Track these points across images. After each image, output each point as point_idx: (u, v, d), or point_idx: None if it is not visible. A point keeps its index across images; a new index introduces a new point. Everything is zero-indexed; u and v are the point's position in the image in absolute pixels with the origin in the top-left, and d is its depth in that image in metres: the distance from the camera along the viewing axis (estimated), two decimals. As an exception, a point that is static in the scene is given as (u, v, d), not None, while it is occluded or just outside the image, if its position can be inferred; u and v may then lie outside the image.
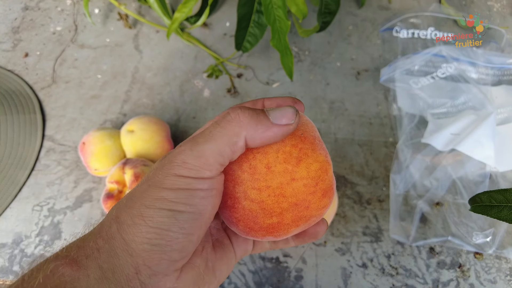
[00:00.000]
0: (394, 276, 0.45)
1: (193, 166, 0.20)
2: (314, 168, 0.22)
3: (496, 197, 0.26)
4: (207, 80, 0.59)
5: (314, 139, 0.23)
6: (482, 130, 0.49)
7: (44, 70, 0.59)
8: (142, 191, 0.21)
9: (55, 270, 0.18)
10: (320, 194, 0.23)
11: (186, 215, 0.20)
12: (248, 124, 0.21)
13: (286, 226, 0.23)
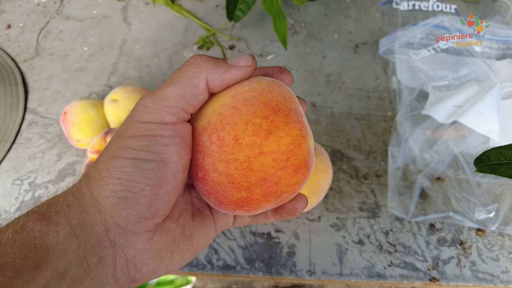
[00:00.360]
0: (392, 253, 0.42)
1: (154, 109, 0.20)
2: (285, 142, 0.21)
3: (506, 154, 0.24)
4: (197, 52, 0.56)
5: (289, 111, 0.22)
6: (486, 101, 0.46)
7: (27, 42, 0.57)
8: (108, 146, 0.20)
9: (24, 225, 0.18)
10: (291, 169, 0.22)
11: (149, 164, 0.19)
12: (207, 66, 0.21)
13: (256, 201, 0.22)
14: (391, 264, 0.42)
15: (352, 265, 0.42)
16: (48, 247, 0.17)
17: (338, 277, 0.41)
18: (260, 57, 0.56)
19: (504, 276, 0.41)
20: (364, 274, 0.41)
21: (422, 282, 0.41)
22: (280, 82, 0.24)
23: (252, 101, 0.21)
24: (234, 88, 0.22)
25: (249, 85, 0.22)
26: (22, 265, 0.16)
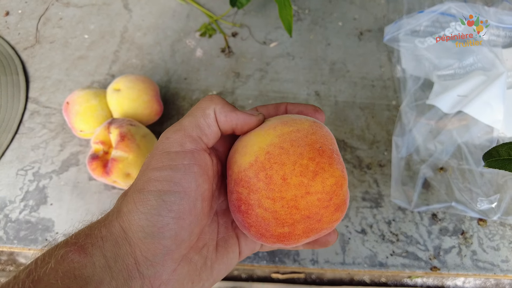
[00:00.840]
0: (394, 242, 0.43)
1: (175, 139, 0.22)
2: (330, 183, 0.22)
3: (514, 150, 0.23)
4: (199, 39, 0.55)
5: (332, 153, 0.23)
6: (491, 91, 0.46)
7: (27, 30, 0.56)
8: (137, 178, 0.22)
9: (65, 256, 0.19)
10: (333, 208, 0.23)
11: (172, 195, 0.20)
12: (217, 101, 0.23)
13: (297, 236, 0.23)
14: (393, 253, 0.42)
15: (354, 254, 0.42)
16: (86, 278, 0.19)
17: (341, 266, 0.42)
18: (263, 44, 0.56)
19: (504, 265, 0.42)
20: (366, 263, 0.42)
21: (423, 271, 0.42)
22: (320, 123, 0.25)
23: (299, 142, 0.23)
24: (280, 128, 0.24)
25: (294, 126, 0.24)
26: None
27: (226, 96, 0.51)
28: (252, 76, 0.53)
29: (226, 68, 0.53)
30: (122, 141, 0.39)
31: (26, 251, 0.42)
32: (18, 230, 0.42)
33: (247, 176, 0.23)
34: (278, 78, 0.53)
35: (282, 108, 0.29)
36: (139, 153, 0.40)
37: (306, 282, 1.03)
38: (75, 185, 0.45)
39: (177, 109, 0.50)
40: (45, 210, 0.43)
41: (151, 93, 0.45)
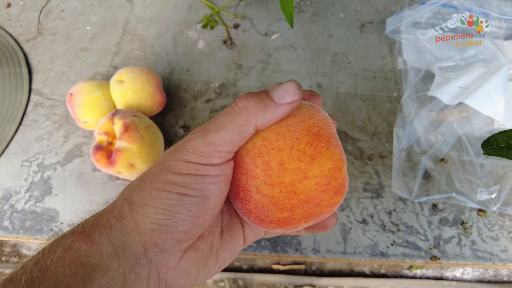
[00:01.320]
0: (395, 232, 0.44)
1: (203, 153, 0.21)
2: (328, 167, 0.22)
3: (512, 138, 0.24)
4: (201, 31, 0.55)
5: (330, 137, 0.23)
6: (492, 83, 0.46)
7: (29, 22, 0.56)
8: (153, 174, 0.22)
9: (72, 244, 0.20)
10: (332, 192, 0.23)
11: (193, 199, 0.21)
12: (256, 113, 0.22)
13: (296, 221, 0.24)
14: (394, 243, 0.43)
15: (355, 244, 0.43)
16: (93, 265, 0.19)
17: (342, 255, 0.42)
18: (265, 36, 0.56)
19: (503, 255, 0.42)
20: (367, 252, 0.42)
21: (423, 260, 0.42)
22: (317, 106, 0.25)
23: (295, 127, 0.23)
24: None
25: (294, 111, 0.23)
26: (72, 282, 0.18)
27: (228, 88, 0.51)
28: (254, 68, 0.53)
29: (228, 60, 0.53)
30: (126, 132, 0.39)
31: (31, 241, 0.43)
32: (24, 220, 0.43)
33: (244, 162, 0.23)
34: (280, 70, 0.53)
35: None
36: (143, 144, 0.40)
37: (306, 273, 1.04)
38: (79, 176, 0.45)
39: (179, 101, 0.50)
40: (50, 200, 0.44)
41: (154, 84, 0.45)
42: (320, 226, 0.28)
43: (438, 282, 1.02)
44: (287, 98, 0.22)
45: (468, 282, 1.02)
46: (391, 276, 1.05)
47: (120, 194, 0.23)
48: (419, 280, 1.02)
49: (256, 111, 0.22)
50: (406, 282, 1.02)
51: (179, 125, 0.49)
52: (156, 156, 0.42)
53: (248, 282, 1.04)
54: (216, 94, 0.51)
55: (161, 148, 0.43)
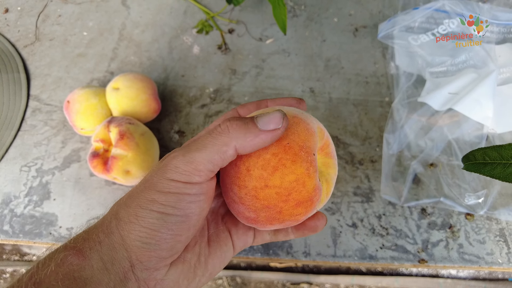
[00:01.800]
0: (384, 236, 0.45)
1: (184, 171, 0.22)
2: (289, 179, 0.23)
3: (490, 154, 0.25)
4: (196, 36, 0.56)
5: (300, 150, 0.23)
6: (482, 89, 0.47)
7: (26, 27, 0.57)
8: (139, 192, 0.23)
9: (64, 259, 0.20)
10: (293, 203, 0.24)
11: (174, 218, 0.22)
12: (237, 135, 0.23)
13: (262, 222, 0.25)
14: (383, 246, 0.44)
15: (345, 247, 0.44)
16: (85, 279, 0.20)
17: (332, 258, 0.44)
18: (259, 41, 0.56)
19: (489, 257, 0.44)
20: (356, 256, 0.44)
21: (411, 263, 0.43)
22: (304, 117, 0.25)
23: None
24: None
25: None
26: None
27: (222, 93, 0.52)
28: (248, 73, 0.54)
29: (222, 65, 0.54)
30: (122, 140, 0.40)
31: (31, 244, 0.44)
32: (23, 224, 0.44)
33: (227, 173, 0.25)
34: (274, 75, 0.54)
35: (263, 105, 0.30)
36: (138, 151, 0.41)
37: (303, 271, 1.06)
38: (77, 181, 0.46)
39: (174, 106, 0.51)
40: (48, 205, 0.45)
41: (149, 91, 0.46)
42: (310, 228, 0.29)
43: (434, 279, 1.03)
44: (270, 125, 0.23)
45: (463, 279, 1.03)
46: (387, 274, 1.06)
47: (110, 210, 0.24)
48: (415, 278, 1.03)
49: (237, 133, 0.22)
50: (402, 280, 1.04)
51: (174, 130, 0.50)
52: (151, 162, 0.43)
53: (246, 280, 1.06)
54: (210, 99, 0.52)
55: (156, 155, 0.44)
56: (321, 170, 0.27)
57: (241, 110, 0.30)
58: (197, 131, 0.50)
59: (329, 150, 0.27)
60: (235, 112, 0.30)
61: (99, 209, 0.45)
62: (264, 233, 0.30)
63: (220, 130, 0.23)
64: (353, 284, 1.05)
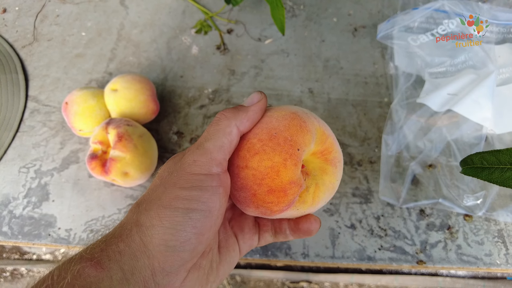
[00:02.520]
0: (382, 237, 0.45)
1: (202, 163, 0.23)
2: (265, 165, 0.24)
3: (488, 159, 0.25)
4: (195, 36, 0.56)
5: (284, 141, 0.25)
6: (481, 90, 0.47)
7: (25, 27, 0.57)
8: (159, 194, 0.23)
9: (81, 271, 0.20)
10: (265, 188, 0.25)
11: (198, 213, 0.22)
12: (233, 116, 0.25)
13: (241, 203, 0.27)
14: (381, 247, 0.44)
15: (344, 249, 0.44)
16: None
17: (331, 259, 0.44)
18: (258, 41, 0.56)
19: (487, 258, 0.44)
20: (355, 257, 0.44)
21: (409, 264, 0.43)
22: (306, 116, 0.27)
23: (262, 125, 0.26)
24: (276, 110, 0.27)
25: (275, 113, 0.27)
26: None
27: (221, 94, 0.52)
28: (247, 74, 0.54)
29: (221, 66, 0.54)
30: (120, 142, 0.40)
31: (30, 245, 0.44)
32: (22, 225, 0.44)
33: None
34: (273, 76, 0.54)
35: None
36: (136, 153, 0.41)
37: (303, 269, 1.06)
38: (75, 182, 0.46)
39: (173, 107, 0.51)
40: (47, 206, 0.45)
41: (147, 93, 0.46)
42: (304, 231, 0.30)
43: (433, 278, 1.03)
44: (254, 100, 0.26)
45: (462, 278, 1.03)
46: (386, 273, 1.06)
47: (127, 218, 0.23)
48: (414, 276, 1.04)
49: (232, 114, 0.25)
50: (401, 278, 1.04)
51: (172, 131, 0.50)
52: (149, 164, 0.43)
53: (246, 278, 1.06)
54: (209, 100, 0.52)
55: (154, 156, 0.44)
56: (315, 173, 0.27)
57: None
58: (196, 132, 0.50)
59: (331, 157, 0.28)
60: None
61: (98, 211, 0.45)
62: (266, 235, 0.31)
63: (217, 118, 0.25)
64: (352, 283, 1.05)
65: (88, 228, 0.44)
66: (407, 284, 1.04)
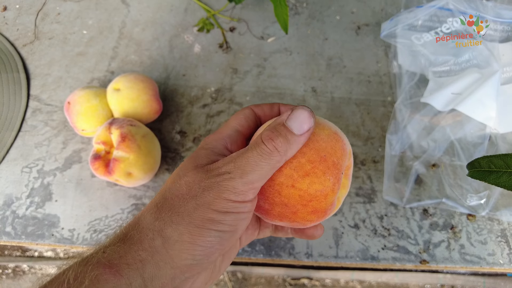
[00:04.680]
0: (386, 237, 0.45)
1: (241, 191, 0.23)
2: (315, 188, 0.24)
3: (495, 162, 0.25)
4: (197, 34, 0.56)
5: (332, 165, 0.25)
6: (485, 89, 0.46)
7: (25, 26, 0.56)
8: (190, 210, 0.23)
9: (100, 277, 0.20)
10: (310, 209, 0.25)
11: (229, 234, 0.24)
12: (285, 151, 0.24)
13: (272, 216, 0.27)
14: (385, 247, 0.44)
15: (347, 248, 0.44)
16: None
17: (334, 259, 0.44)
18: (261, 39, 0.56)
19: (490, 258, 0.44)
20: (358, 256, 0.44)
21: (413, 264, 0.44)
22: (341, 137, 0.27)
23: (310, 144, 0.25)
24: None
25: (318, 131, 0.26)
26: None
27: (224, 93, 0.52)
28: (250, 72, 0.53)
29: (224, 64, 0.54)
30: (123, 142, 0.40)
31: (34, 245, 0.44)
32: (26, 225, 0.44)
33: None
34: (276, 74, 0.53)
35: (275, 108, 0.31)
36: (140, 153, 0.41)
37: (304, 266, 1.06)
38: (78, 182, 0.46)
39: (176, 106, 0.51)
40: (50, 206, 0.45)
41: (150, 92, 0.45)
42: (308, 235, 0.31)
43: (433, 275, 1.04)
44: (304, 127, 0.25)
45: (462, 275, 1.04)
46: (387, 269, 1.07)
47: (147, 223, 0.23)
48: (414, 273, 1.04)
49: (285, 150, 0.24)
50: (402, 275, 1.04)
51: (175, 130, 0.50)
52: (153, 164, 0.43)
53: (247, 275, 1.06)
54: (212, 99, 0.52)
55: (157, 156, 0.44)
56: None
57: (256, 109, 0.31)
58: (199, 131, 0.50)
59: (349, 172, 0.29)
60: (251, 112, 0.31)
61: (101, 211, 0.45)
62: (266, 230, 0.33)
63: (269, 150, 0.24)
64: (353, 279, 1.05)
65: (92, 228, 0.44)
66: (408, 281, 1.04)
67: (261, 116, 0.31)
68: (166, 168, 0.47)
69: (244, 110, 0.31)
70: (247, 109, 0.31)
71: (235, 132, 0.29)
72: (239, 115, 0.30)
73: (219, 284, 1.07)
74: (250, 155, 0.24)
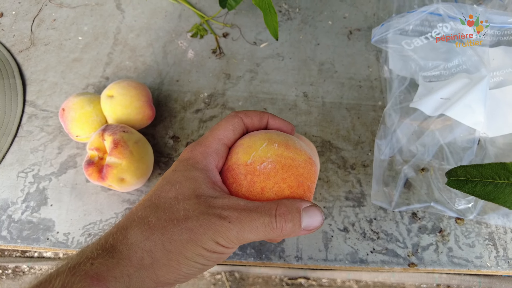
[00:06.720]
0: (375, 240, 0.45)
1: (232, 242, 0.25)
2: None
3: (471, 172, 0.25)
4: (191, 40, 0.56)
5: (307, 189, 0.29)
6: (473, 95, 0.47)
7: (21, 32, 0.57)
8: (183, 241, 0.24)
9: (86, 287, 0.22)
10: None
11: (210, 266, 0.27)
12: (285, 234, 0.26)
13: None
14: (374, 250, 0.45)
15: (336, 251, 0.45)
16: None
17: (323, 262, 0.44)
18: (253, 44, 0.57)
19: (477, 261, 0.44)
20: (347, 259, 0.44)
21: (401, 267, 0.44)
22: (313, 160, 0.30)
23: (289, 170, 0.28)
24: (282, 149, 0.29)
25: (293, 154, 0.29)
26: None
27: (217, 98, 0.53)
28: (243, 78, 0.54)
29: (217, 70, 0.55)
30: (116, 148, 0.41)
31: (29, 249, 0.45)
32: (21, 230, 0.45)
33: (239, 170, 0.28)
34: (268, 80, 0.54)
35: (264, 120, 0.32)
36: (132, 159, 0.42)
37: (301, 266, 1.07)
38: (73, 187, 0.47)
39: (169, 111, 0.52)
40: (45, 210, 0.46)
41: (143, 99, 0.46)
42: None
43: (429, 274, 1.05)
44: (311, 227, 0.27)
45: (458, 274, 1.04)
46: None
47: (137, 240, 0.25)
48: (411, 273, 1.05)
49: (287, 233, 0.26)
50: (398, 275, 1.05)
51: (168, 135, 0.50)
52: (145, 170, 0.44)
53: (244, 275, 1.07)
54: (205, 104, 0.52)
55: (150, 162, 0.45)
56: None
57: (246, 119, 0.32)
58: (192, 136, 0.50)
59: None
60: (240, 122, 0.31)
61: (95, 215, 0.46)
62: None
63: (274, 227, 0.25)
64: (349, 279, 1.06)
65: (86, 232, 0.45)
66: (404, 281, 1.05)
67: (249, 126, 0.32)
68: (159, 173, 0.48)
69: (233, 119, 0.31)
70: (237, 118, 0.31)
71: (222, 146, 0.30)
72: (227, 126, 0.30)
73: (217, 284, 1.08)
74: (255, 218, 0.25)
